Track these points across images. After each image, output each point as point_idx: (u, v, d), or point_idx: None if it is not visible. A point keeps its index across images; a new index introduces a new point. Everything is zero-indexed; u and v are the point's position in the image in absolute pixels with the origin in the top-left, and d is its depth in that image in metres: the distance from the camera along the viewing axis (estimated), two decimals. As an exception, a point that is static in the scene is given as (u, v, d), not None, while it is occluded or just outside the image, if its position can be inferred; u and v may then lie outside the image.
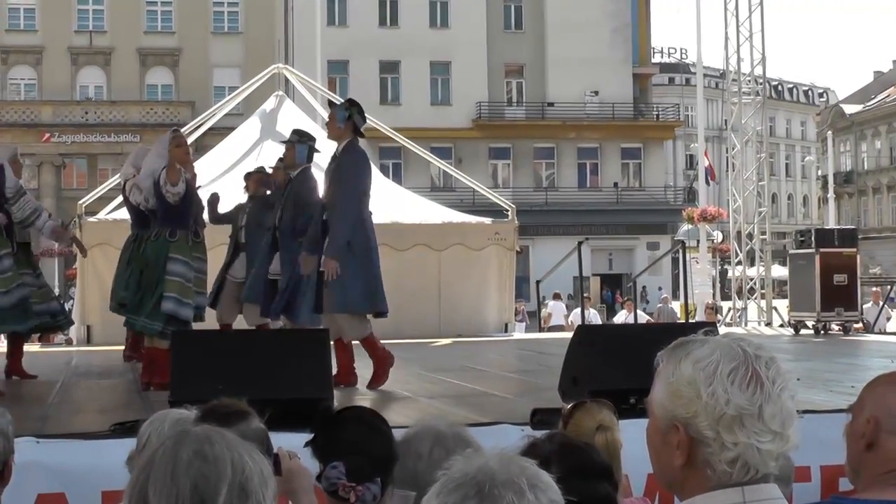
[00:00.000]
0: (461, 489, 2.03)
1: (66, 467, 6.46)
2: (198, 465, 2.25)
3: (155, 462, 2.28)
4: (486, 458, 2.10)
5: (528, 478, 2.06)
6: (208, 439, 2.31)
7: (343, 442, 3.93)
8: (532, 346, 17.24)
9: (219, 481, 2.24)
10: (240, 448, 2.32)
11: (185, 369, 7.40)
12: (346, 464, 3.83)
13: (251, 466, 2.28)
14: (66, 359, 14.78)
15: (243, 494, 2.24)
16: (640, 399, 7.25)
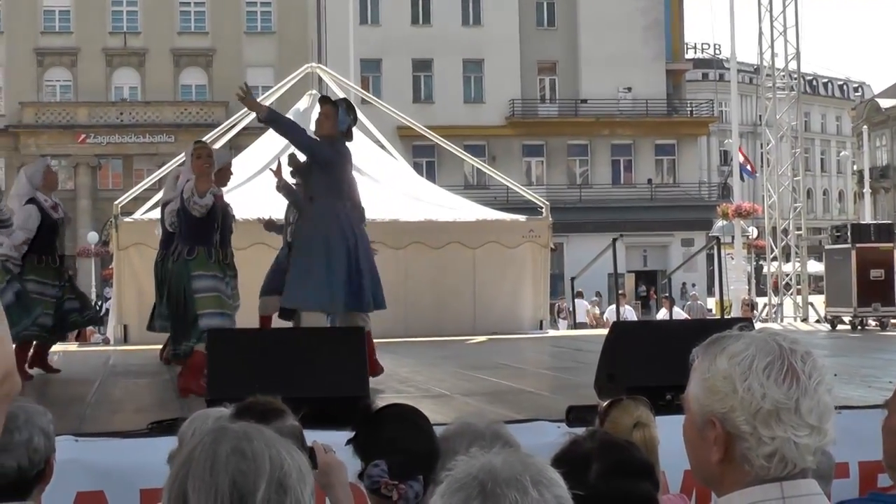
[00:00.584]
0: (464, 489, 2.02)
1: (104, 466, 6.49)
2: (236, 462, 2.26)
3: (194, 459, 2.29)
4: (490, 456, 2.09)
5: (532, 475, 2.04)
6: (246, 436, 2.32)
7: (385, 440, 3.93)
8: (567, 343, 17.21)
9: (257, 477, 2.24)
10: (278, 444, 2.32)
11: (222, 368, 7.42)
12: (388, 462, 3.83)
13: (289, 463, 2.29)
14: (103, 358, 14.84)
15: (282, 490, 2.25)
16: (676, 395, 7.24)
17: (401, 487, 3.80)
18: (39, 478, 4.19)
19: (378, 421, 4.08)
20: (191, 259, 10.37)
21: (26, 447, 4.09)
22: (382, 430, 4.00)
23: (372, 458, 3.88)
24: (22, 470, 4.08)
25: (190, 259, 10.37)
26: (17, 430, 4.09)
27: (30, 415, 4.19)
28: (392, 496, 3.81)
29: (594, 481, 3.30)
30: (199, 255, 10.42)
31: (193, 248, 10.43)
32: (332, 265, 10.47)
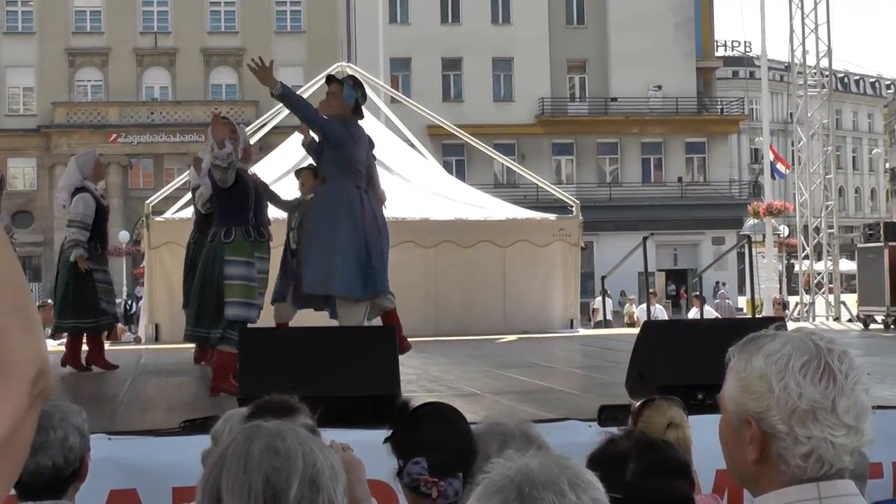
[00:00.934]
0: (501, 493, 2.00)
1: (137, 464, 6.52)
2: (269, 459, 2.28)
3: (227, 456, 2.31)
4: (527, 458, 2.08)
5: (569, 478, 2.02)
6: (280, 434, 2.33)
7: (423, 438, 3.93)
8: (598, 342, 17.20)
9: (290, 475, 2.26)
10: (311, 443, 2.33)
11: (253, 367, 7.43)
12: (427, 459, 3.84)
13: (322, 461, 2.30)
14: (135, 357, 14.89)
15: (314, 488, 2.26)
16: (707, 395, 7.22)
17: (440, 485, 3.80)
18: (74, 476, 4.21)
19: (416, 419, 4.08)
20: (227, 242, 10.26)
21: (61, 446, 4.11)
22: (421, 428, 4.00)
23: (410, 456, 3.88)
24: (57, 468, 4.11)
25: (227, 242, 10.26)
26: (52, 428, 4.12)
27: (65, 413, 4.21)
28: (431, 493, 3.81)
29: (631, 481, 3.30)
30: (237, 237, 10.29)
31: (231, 231, 10.31)
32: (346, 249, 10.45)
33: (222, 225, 10.41)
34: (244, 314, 10.15)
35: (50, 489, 4.12)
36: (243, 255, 10.29)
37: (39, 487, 4.09)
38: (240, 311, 10.12)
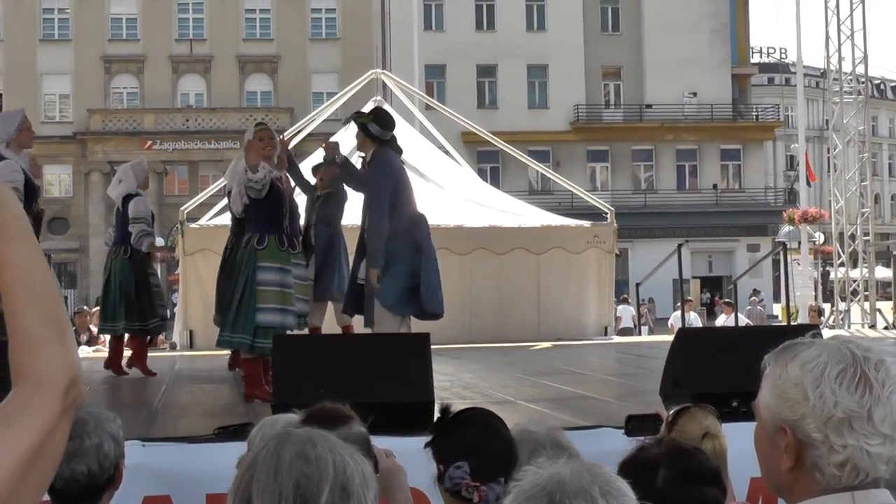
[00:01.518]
0: (532, 500, 2.00)
1: (171, 470, 6.53)
2: (300, 466, 2.29)
3: (258, 463, 2.32)
4: (558, 466, 2.07)
5: (601, 485, 2.01)
6: (310, 440, 2.34)
7: (465, 442, 3.93)
8: (632, 350, 17.15)
9: (321, 481, 2.27)
10: (341, 449, 2.34)
11: (287, 374, 7.44)
12: (470, 463, 3.83)
13: (353, 467, 2.30)
14: (169, 363, 14.92)
15: (345, 495, 2.27)
16: (741, 402, 7.20)
17: (482, 489, 3.79)
18: (109, 483, 4.22)
19: (458, 424, 4.08)
20: (260, 248, 10.22)
21: (96, 453, 4.13)
22: (462, 432, 4.00)
23: (451, 460, 3.87)
24: (92, 475, 4.12)
25: (260, 248, 10.23)
26: (87, 435, 4.13)
27: (99, 420, 4.22)
28: (473, 498, 3.81)
29: (661, 487, 3.30)
30: (270, 244, 10.26)
31: (264, 237, 10.27)
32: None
33: (256, 231, 10.40)
34: (279, 320, 10.11)
35: (85, 496, 4.13)
36: (277, 261, 10.26)
37: (74, 494, 4.11)
38: (274, 318, 10.08)
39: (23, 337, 1.95)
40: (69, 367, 1.96)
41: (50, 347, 1.95)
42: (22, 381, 1.94)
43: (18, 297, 1.96)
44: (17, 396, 1.93)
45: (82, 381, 2.00)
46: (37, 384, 1.93)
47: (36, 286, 1.97)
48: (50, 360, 1.94)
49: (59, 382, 1.94)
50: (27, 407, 1.91)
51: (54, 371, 1.94)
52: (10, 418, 1.91)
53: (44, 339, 1.95)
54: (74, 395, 1.97)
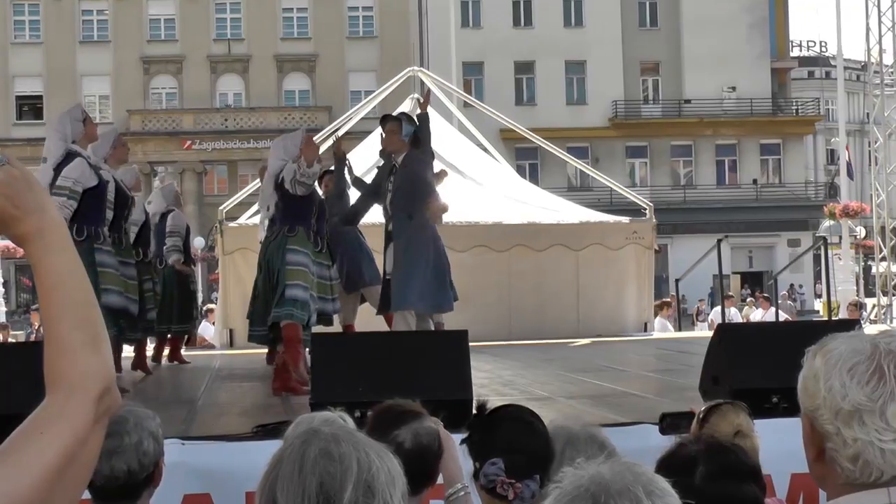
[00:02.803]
0: (576, 502, 1.99)
1: (210, 468, 6.55)
2: (324, 464, 2.29)
3: (283, 461, 2.34)
4: (597, 466, 2.05)
5: (644, 484, 1.99)
6: (335, 438, 2.35)
7: (500, 439, 3.92)
8: (672, 346, 17.09)
9: (344, 479, 2.27)
10: (367, 447, 2.35)
11: (325, 372, 7.45)
12: (504, 460, 3.82)
13: (378, 465, 2.31)
14: (209, 362, 14.98)
15: (369, 493, 2.27)
16: (781, 398, 7.16)
17: (517, 486, 3.78)
18: (149, 481, 4.25)
19: (494, 421, 4.07)
20: (291, 235, 10.55)
21: (136, 450, 4.15)
22: (498, 429, 3.99)
23: (487, 457, 3.87)
24: (132, 473, 4.14)
25: (290, 235, 10.55)
26: (127, 433, 4.16)
27: (139, 418, 4.25)
28: (508, 495, 3.80)
29: (700, 484, 3.28)
30: (299, 233, 10.58)
31: (294, 227, 10.60)
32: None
33: (285, 223, 10.68)
34: (302, 295, 10.35)
35: (124, 494, 4.16)
36: (304, 246, 10.55)
37: (114, 491, 4.13)
38: (298, 293, 10.33)
39: (58, 343, 1.96)
40: (103, 374, 1.97)
41: (84, 354, 1.96)
42: (56, 387, 1.95)
43: (55, 303, 1.97)
44: (50, 403, 1.94)
45: (116, 388, 2.00)
46: (70, 391, 1.94)
47: (73, 293, 1.98)
48: (84, 367, 1.95)
49: (93, 389, 1.95)
50: (60, 414, 1.92)
51: (88, 378, 1.95)
52: (44, 425, 1.92)
53: (78, 345, 1.96)
54: (108, 402, 1.97)
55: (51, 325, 1.97)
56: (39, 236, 1.97)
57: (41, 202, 1.99)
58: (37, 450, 1.88)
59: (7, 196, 1.95)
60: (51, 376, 1.96)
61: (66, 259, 1.99)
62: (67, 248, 2.00)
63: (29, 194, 1.98)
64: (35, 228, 1.97)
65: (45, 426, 1.91)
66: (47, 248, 1.98)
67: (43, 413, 1.94)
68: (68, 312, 1.97)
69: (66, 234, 2.02)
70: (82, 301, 1.99)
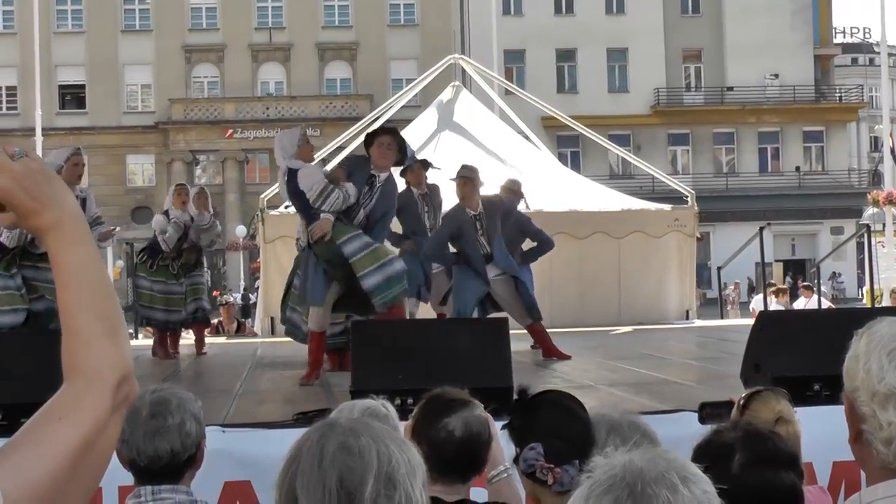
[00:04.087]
0: (612, 492, 1.95)
1: (251, 456, 6.57)
2: (343, 458, 2.28)
3: (302, 455, 2.32)
4: (628, 455, 2.04)
5: (678, 471, 1.97)
6: (353, 432, 2.33)
7: (540, 424, 3.91)
8: (714, 334, 17.04)
9: (364, 473, 2.26)
10: (386, 439, 2.33)
11: (366, 359, 7.46)
12: (544, 445, 3.81)
13: (398, 456, 2.29)
14: (251, 350, 15.03)
15: (390, 485, 2.25)
16: (823, 386, 7.12)
17: (556, 471, 3.77)
18: (191, 462, 4.28)
19: (535, 406, 4.06)
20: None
21: (179, 431, 4.20)
22: (538, 414, 3.98)
23: (527, 442, 3.86)
24: (174, 453, 4.19)
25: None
26: (170, 414, 4.21)
27: (182, 400, 4.29)
28: (547, 480, 3.78)
29: (737, 472, 3.26)
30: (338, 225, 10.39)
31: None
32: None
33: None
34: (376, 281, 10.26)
35: (167, 474, 4.20)
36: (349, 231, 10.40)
37: (157, 472, 4.18)
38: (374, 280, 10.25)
39: (75, 334, 1.96)
40: (121, 363, 1.98)
41: (102, 344, 1.96)
42: (74, 376, 1.95)
43: (73, 295, 1.97)
44: (68, 391, 1.95)
45: (134, 377, 2.01)
46: (88, 380, 1.94)
47: (91, 284, 1.98)
48: (102, 357, 1.96)
49: (111, 378, 1.95)
50: (78, 403, 1.93)
51: (106, 367, 1.95)
52: (62, 412, 1.92)
53: (96, 335, 1.96)
54: (126, 390, 1.98)
55: (70, 316, 1.97)
56: (57, 228, 1.98)
57: (59, 195, 1.99)
58: (55, 437, 1.88)
59: (25, 188, 1.95)
60: (69, 366, 1.96)
61: (83, 251, 1.99)
62: (85, 241, 2.01)
63: (47, 187, 1.98)
64: (53, 221, 1.97)
65: (63, 413, 1.91)
66: (65, 240, 1.98)
67: (60, 400, 1.94)
68: (86, 303, 1.97)
69: (85, 227, 2.02)
70: (100, 292, 1.99)
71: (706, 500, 1.95)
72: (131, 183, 61.21)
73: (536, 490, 3.85)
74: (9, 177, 1.94)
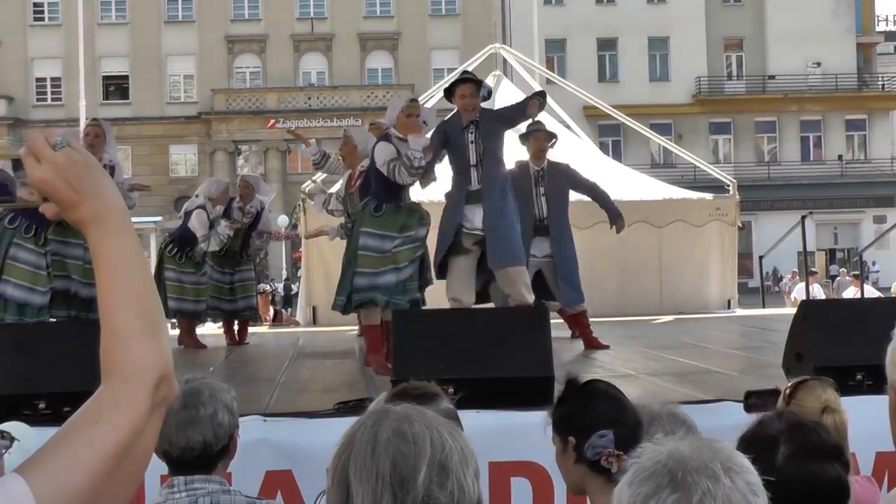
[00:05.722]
0: (654, 478, 1.96)
1: (292, 445, 6.58)
2: (397, 444, 2.26)
3: (355, 442, 2.31)
4: (677, 442, 2.04)
5: (722, 461, 1.98)
6: (407, 418, 2.32)
7: (599, 413, 3.87)
8: (756, 323, 16.97)
9: (418, 459, 2.24)
10: (440, 426, 2.31)
11: (407, 348, 7.45)
12: (614, 432, 3.79)
13: (451, 444, 2.27)
14: (292, 339, 15.07)
15: (443, 472, 2.24)
16: (866, 375, 7.09)
17: (623, 459, 3.74)
18: (224, 452, 4.30)
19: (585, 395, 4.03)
20: (377, 216, 10.18)
21: (211, 421, 4.21)
22: (593, 403, 3.94)
23: (585, 431, 3.82)
24: (207, 444, 4.20)
25: (377, 216, 10.18)
26: (203, 404, 4.22)
27: (214, 391, 4.30)
28: (612, 468, 3.76)
29: (781, 463, 3.25)
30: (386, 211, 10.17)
31: (381, 206, 10.19)
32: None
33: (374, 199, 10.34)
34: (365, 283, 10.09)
35: (200, 464, 4.21)
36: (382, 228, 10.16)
37: (189, 462, 4.19)
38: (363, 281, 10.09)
39: (114, 331, 1.94)
40: (160, 363, 1.95)
41: (141, 342, 1.93)
42: (111, 375, 1.93)
43: (113, 290, 1.95)
44: (105, 392, 1.92)
45: (173, 377, 1.98)
46: (126, 380, 1.91)
47: (131, 280, 1.96)
48: (140, 355, 1.93)
49: (150, 378, 1.92)
50: (116, 404, 1.90)
51: (145, 366, 1.93)
52: (98, 415, 1.89)
53: (135, 333, 1.93)
54: (165, 391, 1.95)
55: (109, 312, 1.95)
56: (98, 221, 1.96)
57: (101, 186, 1.97)
58: (91, 441, 1.86)
59: (67, 180, 1.94)
60: (107, 364, 1.94)
61: (124, 244, 1.97)
62: (127, 234, 1.98)
63: (88, 178, 1.96)
64: (94, 213, 1.95)
65: (100, 416, 1.88)
66: (106, 232, 1.96)
67: (98, 402, 1.91)
68: (126, 299, 1.95)
69: (126, 220, 2.00)
70: (141, 288, 1.97)
71: (749, 491, 1.95)
72: (174, 173, 61.46)
73: (590, 480, 3.83)
74: (51, 168, 1.92)
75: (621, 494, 2.00)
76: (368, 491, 2.24)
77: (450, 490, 2.24)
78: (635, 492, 1.98)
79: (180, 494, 4.17)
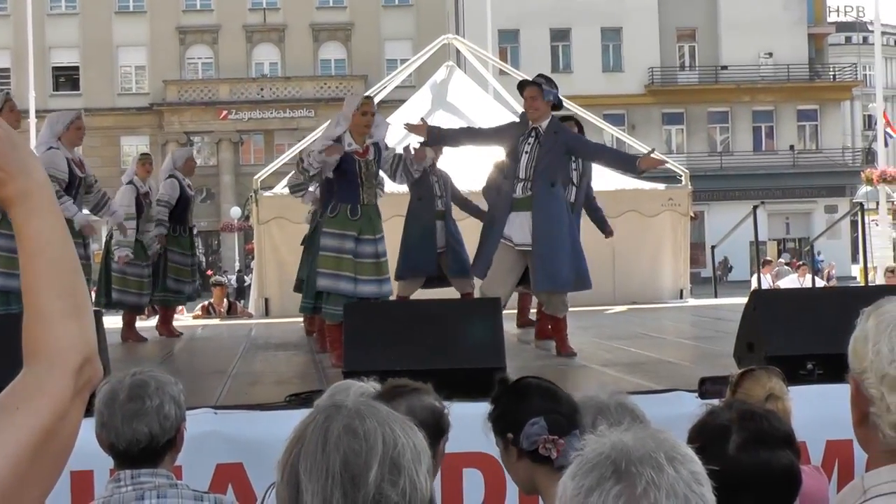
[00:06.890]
0: (597, 469, 1.95)
1: (243, 438, 6.55)
2: (348, 441, 2.21)
3: (306, 438, 2.26)
4: (620, 434, 2.03)
5: (666, 451, 1.96)
6: (359, 414, 2.27)
7: (534, 406, 3.86)
8: (708, 313, 17.04)
9: (369, 457, 2.19)
10: (392, 422, 2.26)
11: (358, 340, 7.44)
12: (546, 419, 3.78)
13: (403, 441, 2.23)
14: (244, 331, 15.02)
15: (395, 469, 2.20)
16: (817, 365, 7.12)
17: (559, 443, 3.72)
18: (170, 445, 4.27)
19: (519, 391, 4.03)
20: (331, 216, 10.10)
21: (157, 414, 4.19)
22: (527, 397, 3.94)
23: (521, 425, 3.82)
24: (153, 436, 4.17)
25: (331, 216, 10.11)
26: (148, 397, 4.20)
27: (160, 383, 4.27)
28: (551, 455, 3.74)
29: (734, 452, 3.27)
30: (340, 212, 10.06)
31: (336, 206, 10.10)
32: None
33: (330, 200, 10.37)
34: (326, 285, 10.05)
35: (146, 457, 4.19)
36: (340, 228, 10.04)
37: (135, 455, 4.17)
38: (325, 283, 10.04)
39: (37, 312, 1.88)
40: (83, 345, 1.90)
41: (64, 324, 1.88)
42: (34, 359, 1.88)
43: (36, 269, 1.89)
44: (28, 376, 1.87)
45: (98, 360, 1.94)
46: (49, 363, 1.87)
47: (56, 260, 1.90)
48: (63, 338, 1.88)
49: (73, 361, 1.88)
50: (38, 388, 1.85)
51: (68, 349, 1.88)
52: (20, 399, 1.84)
53: (58, 314, 1.88)
54: (89, 373, 1.91)
55: (31, 294, 1.89)
56: (24, 199, 1.89)
57: (27, 164, 1.91)
58: (13, 426, 1.80)
59: None
60: (29, 347, 1.89)
61: (49, 223, 1.91)
62: (52, 212, 1.92)
63: (13, 155, 1.90)
64: (20, 191, 1.89)
65: (22, 400, 1.84)
66: (31, 211, 1.90)
67: (19, 387, 1.86)
68: (50, 280, 1.89)
69: (52, 198, 1.94)
70: (65, 268, 1.91)
71: (693, 480, 1.94)
72: (126, 164, 61.00)
73: (536, 473, 3.82)
74: None
75: (565, 487, 1.98)
76: (318, 488, 2.19)
77: (402, 488, 2.20)
78: (578, 484, 1.95)
79: (126, 488, 4.14)
